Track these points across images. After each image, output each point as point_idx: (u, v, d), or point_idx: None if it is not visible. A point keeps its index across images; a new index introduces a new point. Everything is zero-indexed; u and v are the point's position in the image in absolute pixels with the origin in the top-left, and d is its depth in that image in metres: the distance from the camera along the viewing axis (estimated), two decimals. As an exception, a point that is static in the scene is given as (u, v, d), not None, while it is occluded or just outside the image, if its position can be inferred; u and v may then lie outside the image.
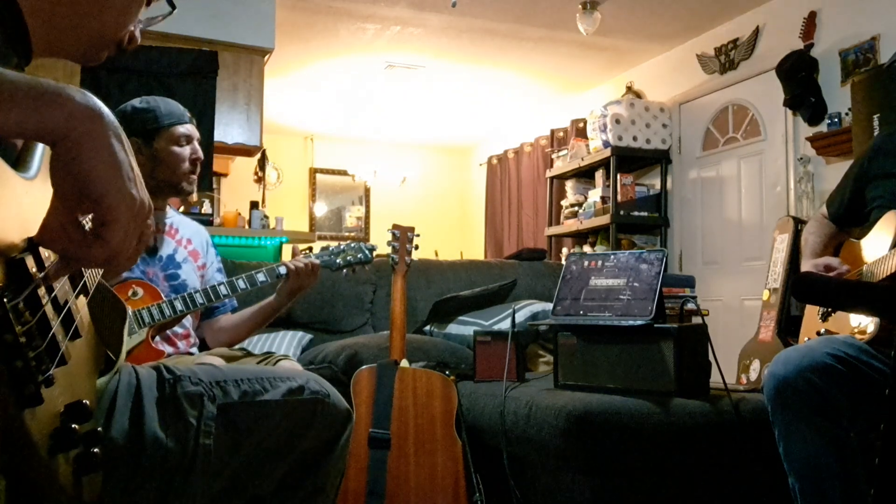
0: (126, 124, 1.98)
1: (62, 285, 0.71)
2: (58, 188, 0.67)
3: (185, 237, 2.06)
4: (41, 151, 0.73)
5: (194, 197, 4.82)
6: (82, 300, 0.78)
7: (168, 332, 1.92)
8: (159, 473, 1.01)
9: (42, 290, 0.65)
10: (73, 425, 0.67)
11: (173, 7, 0.98)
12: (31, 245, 0.65)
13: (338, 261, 2.15)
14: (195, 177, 2.01)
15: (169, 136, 1.96)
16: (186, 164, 1.97)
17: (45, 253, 0.67)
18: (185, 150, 1.97)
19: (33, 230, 0.66)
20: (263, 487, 1.15)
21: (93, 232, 0.68)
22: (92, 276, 0.82)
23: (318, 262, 2.07)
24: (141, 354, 1.76)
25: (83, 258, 0.69)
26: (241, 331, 2.11)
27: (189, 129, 2.00)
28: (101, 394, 0.96)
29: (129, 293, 1.83)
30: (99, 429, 0.73)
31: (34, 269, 0.64)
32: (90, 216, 0.69)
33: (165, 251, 1.99)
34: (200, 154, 2.01)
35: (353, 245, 2.19)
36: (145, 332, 1.80)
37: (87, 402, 0.69)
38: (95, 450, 0.71)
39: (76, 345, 0.74)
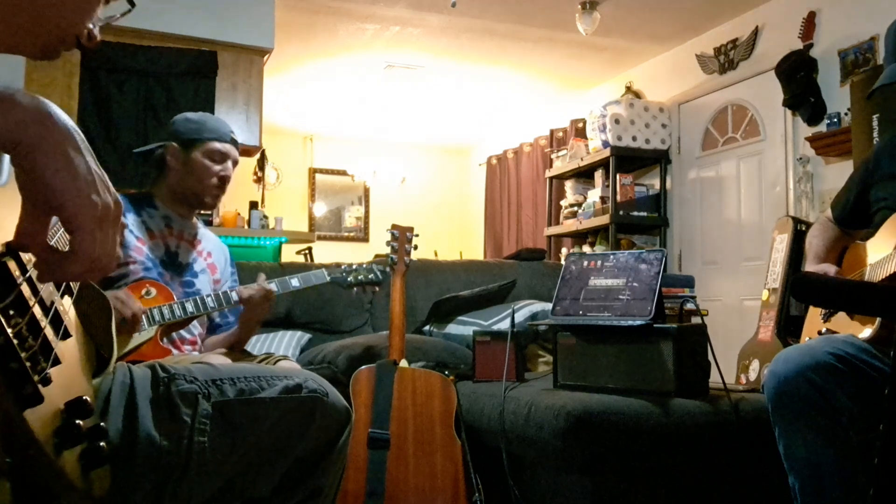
0: (172, 129, 2.03)
1: (46, 286, 0.70)
2: (23, 194, 0.66)
3: (206, 249, 2.10)
4: (8, 158, 0.72)
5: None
6: (67, 300, 0.78)
7: (175, 335, 1.93)
8: (154, 473, 1.00)
9: (28, 292, 0.64)
10: (76, 421, 0.67)
11: (132, 5, 0.97)
12: (10, 249, 0.65)
13: (349, 279, 2.23)
14: (220, 192, 2.05)
15: (205, 149, 2.01)
16: (214, 180, 2.01)
17: (25, 256, 0.67)
18: (216, 167, 2.01)
19: (9, 236, 0.66)
20: (261, 488, 1.14)
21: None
22: None
23: (273, 287, 2.03)
24: (148, 352, 1.78)
25: (61, 273, 0.68)
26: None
27: (227, 147, 2.04)
28: (96, 393, 0.96)
29: (143, 292, 1.85)
30: (102, 423, 0.73)
31: (17, 273, 0.64)
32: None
33: (185, 259, 2.03)
34: (230, 173, 2.04)
35: (364, 266, 2.28)
36: (154, 330, 1.82)
37: (88, 399, 0.69)
38: (102, 443, 0.71)
39: (68, 344, 0.74)
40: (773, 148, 4.64)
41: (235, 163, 2.09)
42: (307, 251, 5.42)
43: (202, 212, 2.14)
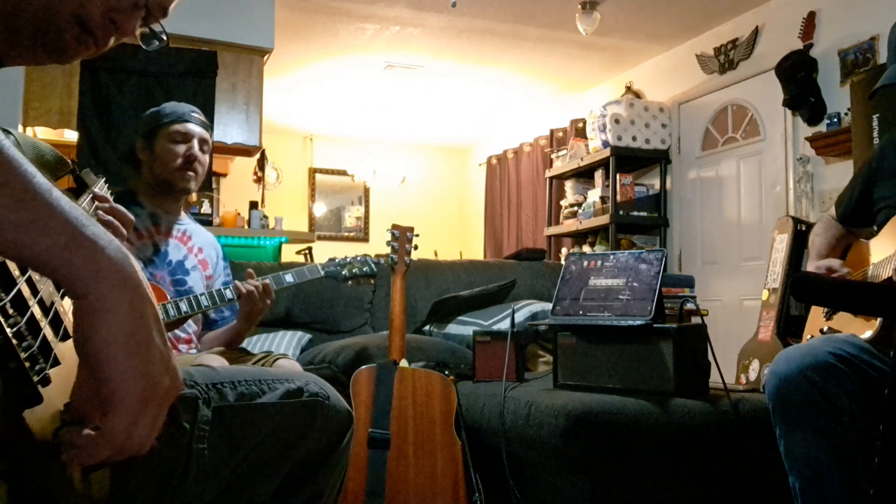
0: (140, 127, 2.03)
1: (47, 286, 0.69)
2: (76, 349, 0.60)
3: (196, 245, 2.09)
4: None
5: (193, 197, 4.84)
6: (67, 302, 0.77)
7: (170, 335, 1.92)
8: (153, 479, 0.99)
9: (27, 292, 0.64)
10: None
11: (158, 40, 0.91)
12: None
13: (343, 272, 2.20)
14: (190, 174, 2.02)
15: (166, 134, 2.01)
16: (178, 161, 1.99)
17: None
18: (180, 148, 2.00)
19: None
20: (261, 493, 1.12)
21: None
22: None
23: (269, 281, 2.00)
24: None
25: (85, 455, 0.60)
26: (211, 348, 2.06)
27: (187, 127, 2.02)
28: None
29: None
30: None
31: (16, 272, 0.63)
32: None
33: (175, 256, 2.01)
34: (195, 152, 2.01)
35: (359, 258, 2.24)
36: None
37: None
38: None
39: (68, 346, 0.72)
40: (773, 148, 4.64)
41: (204, 142, 2.05)
42: (307, 251, 5.41)
43: (178, 197, 2.09)
